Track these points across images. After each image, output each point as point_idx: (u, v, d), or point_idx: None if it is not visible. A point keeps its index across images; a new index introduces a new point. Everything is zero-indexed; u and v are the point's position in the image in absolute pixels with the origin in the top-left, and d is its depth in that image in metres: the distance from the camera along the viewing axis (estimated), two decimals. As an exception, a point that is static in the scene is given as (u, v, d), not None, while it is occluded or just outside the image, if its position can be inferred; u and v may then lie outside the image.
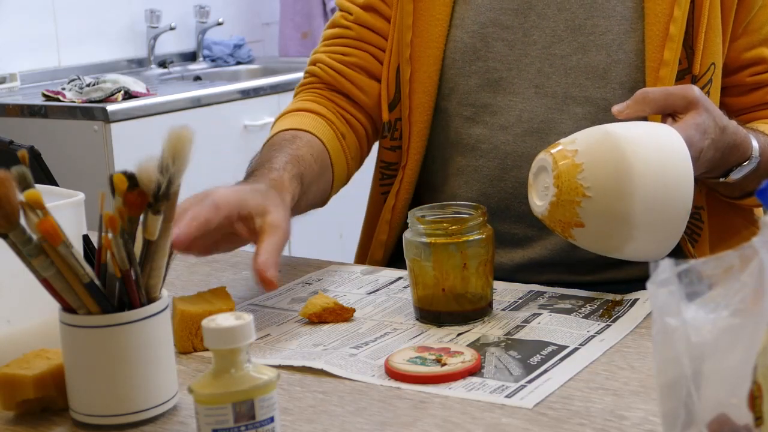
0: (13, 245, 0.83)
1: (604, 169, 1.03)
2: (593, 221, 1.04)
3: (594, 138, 1.05)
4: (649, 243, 1.05)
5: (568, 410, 0.85)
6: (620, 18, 1.25)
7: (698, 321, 0.63)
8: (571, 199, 1.04)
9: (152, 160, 0.84)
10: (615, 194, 1.02)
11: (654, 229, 1.04)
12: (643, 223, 1.03)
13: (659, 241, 1.05)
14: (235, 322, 0.76)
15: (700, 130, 1.08)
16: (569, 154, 1.04)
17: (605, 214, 1.03)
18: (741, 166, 1.17)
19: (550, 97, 1.27)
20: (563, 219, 1.05)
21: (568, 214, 1.05)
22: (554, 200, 1.05)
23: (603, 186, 1.02)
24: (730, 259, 0.64)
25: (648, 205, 1.02)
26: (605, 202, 1.03)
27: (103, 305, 0.85)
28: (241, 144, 3.00)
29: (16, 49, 3.18)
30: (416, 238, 1.07)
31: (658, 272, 0.64)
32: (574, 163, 1.03)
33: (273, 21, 3.97)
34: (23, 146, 2.05)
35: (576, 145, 1.05)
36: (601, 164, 1.03)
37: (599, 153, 1.03)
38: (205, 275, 1.30)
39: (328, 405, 0.89)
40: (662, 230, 1.04)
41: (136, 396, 0.86)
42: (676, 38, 1.22)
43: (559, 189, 1.04)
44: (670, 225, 1.04)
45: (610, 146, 1.03)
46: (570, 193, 1.04)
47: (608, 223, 1.04)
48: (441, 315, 1.07)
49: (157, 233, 0.86)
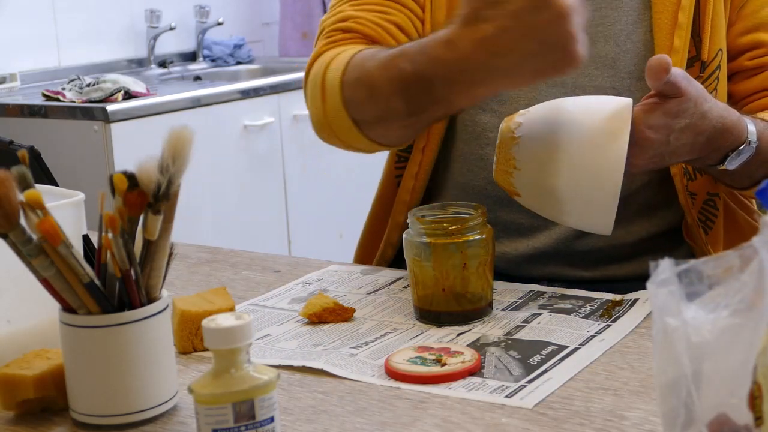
0: (13, 245, 0.83)
1: (536, 145, 1.06)
2: (526, 193, 1.09)
3: (542, 112, 1.08)
4: (584, 216, 1.07)
5: (568, 410, 0.85)
6: (627, 9, 1.26)
7: (698, 321, 0.63)
8: (505, 169, 1.08)
9: (152, 160, 0.84)
10: (542, 169, 1.06)
11: (583, 204, 1.06)
12: (569, 198, 1.06)
13: (593, 215, 1.06)
14: (235, 322, 0.76)
15: (669, 115, 1.06)
16: (513, 126, 1.08)
17: (535, 188, 1.08)
18: (737, 151, 1.14)
19: (559, 86, 1.27)
20: (503, 186, 1.10)
21: (505, 183, 1.10)
22: (495, 168, 1.10)
23: (531, 161, 1.06)
24: (730, 259, 0.64)
25: (574, 182, 1.04)
26: (533, 176, 1.07)
27: (103, 305, 0.85)
28: (241, 144, 3.00)
29: (16, 49, 3.17)
30: (416, 238, 1.07)
31: (658, 272, 0.64)
32: (512, 136, 1.07)
33: (273, 21, 3.97)
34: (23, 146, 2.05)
35: (524, 118, 1.08)
36: (534, 140, 1.06)
37: (537, 128, 1.07)
38: (205, 275, 1.30)
39: (328, 405, 0.89)
40: (591, 205, 1.05)
41: (136, 396, 0.86)
42: (684, 26, 1.22)
43: (497, 158, 1.09)
44: (598, 200, 1.05)
45: (550, 122, 1.06)
46: (504, 163, 1.08)
47: (539, 196, 1.08)
48: (441, 315, 1.07)
49: (157, 233, 0.86)
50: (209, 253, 1.39)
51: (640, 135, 1.05)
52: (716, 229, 1.30)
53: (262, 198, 3.08)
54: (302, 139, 3.14)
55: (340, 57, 1.18)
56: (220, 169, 2.94)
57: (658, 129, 1.06)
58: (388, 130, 1.16)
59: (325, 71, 1.19)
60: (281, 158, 3.12)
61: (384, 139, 1.18)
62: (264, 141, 3.06)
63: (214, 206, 2.93)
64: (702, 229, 1.28)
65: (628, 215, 1.25)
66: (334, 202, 3.22)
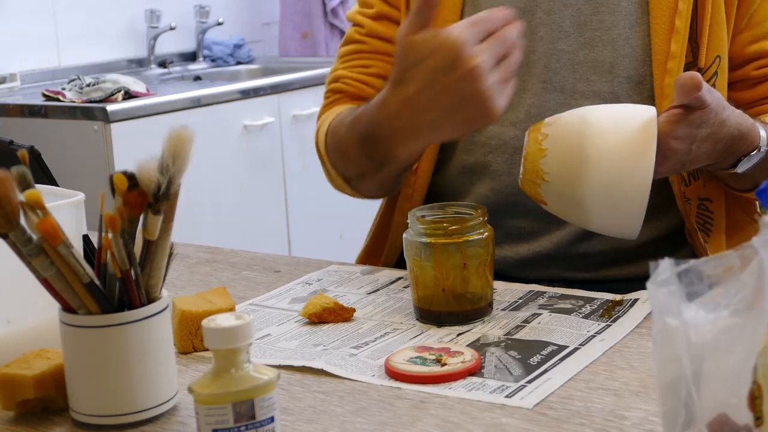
0: (13, 245, 0.83)
1: (564, 157, 1.09)
2: (553, 202, 1.12)
3: (569, 123, 1.11)
4: (609, 225, 1.11)
5: (568, 410, 0.85)
6: (625, 13, 1.26)
7: (698, 321, 0.63)
8: (533, 180, 1.11)
9: (152, 160, 0.84)
10: (569, 181, 1.09)
11: (609, 215, 1.09)
12: (596, 209, 1.09)
13: (618, 225, 1.11)
14: (235, 322, 0.76)
15: (693, 125, 1.09)
16: (540, 137, 1.11)
17: (562, 198, 1.11)
18: (749, 156, 1.17)
19: (558, 92, 1.27)
20: (530, 194, 1.13)
21: (533, 192, 1.12)
22: (522, 177, 1.12)
23: (559, 173, 1.09)
24: (730, 259, 0.64)
25: (600, 194, 1.08)
26: (561, 188, 1.10)
27: (103, 305, 0.85)
28: (241, 144, 3.00)
29: (16, 49, 3.17)
30: (416, 238, 1.07)
31: (658, 272, 0.64)
32: (539, 148, 1.10)
33: (273, 21, 3.97)
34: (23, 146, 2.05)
35: (550, 129, 1.11)
36: (562, 153, 1.09)
37: (565, 140, 1.09)
38: (205, 275, 1.30)
39: (328, 405, 0.89)
40: (618, 216, 1.09)
41: (136, 396, 0.86)
42: (681, 31, 1.22)
43: (525, 169, 1.12)
44: (626, 211, 1.08)
45: (577, 134, 1.09)
46: (532, 174, 1.11)
47: (566, 206, 1.11)
48: (441, 315, 1.07)
49: (157, 233, 0.86)
50: (209, 253, 1.39)
51: (666, 146, 1.08)
52: (716, 233, 1.30)
53: (262, 198, 3.08)
54: (302, 139, 3.14)
55: (324, 125, 1.34)
56: (220, 169, 2.94)
57: (683, 139, 1.09)
58: (370, 185, 1.28)
59: (317, 138, 1.36)
60: (281, 158, 3.12)
61: (372, 193, 1.32)
62: (264, 141, 3.06)
63: (214, 206, 2.93)
64: (702, 232, 1.28)
65: None
66: (334, 202, 3.20)
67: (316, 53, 3.83)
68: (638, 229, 1.10)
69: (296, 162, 3.15)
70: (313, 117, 3.12)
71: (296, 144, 3.14)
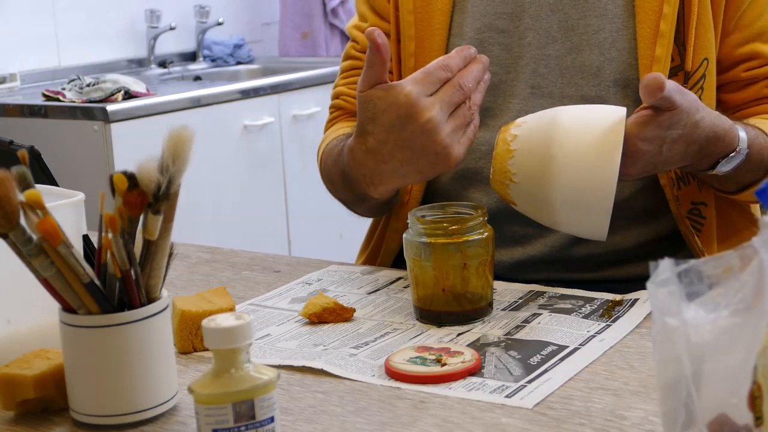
0: (13, 245, 0.83)
1: (531, 158, 1.09)
2: (522, 203, 1.12)
3: (539, 123, 1.11)
4: (576, 227, 1.11)
5: (568, 410, 0.85)
6: (612, 16, 1.26)
7: (698, 321, 0.63)
8: (501, 181, 1.11)
9: (152, 160, 0.84)
10: (536, 183, 1.09)
11: (576, 217, 1.09)
12: (563, 211, 1.09)
13: (586, 226, 1.10)
14: (235, 322, 0.76)
15: (662, 126, 1.08)
16: (509, 138, 1.11)
17: (530, 199, 1.11)
18: (728, 158, 1.16)
19: (546, 97, 1.27)
20: (500, 194, 1.14)
21: (502, 192, 1.13)
22: (491, 178, 1.12)
23: (526, 174, 1.09)
24: (730, 259, 0.64)
25: (566, 195, 1.08)
26: (528, 189, 1.10)
27: (103, 305, 0.85)
28: (241, 144, 3.00)
29: (16, 49, 3.17)
30: (416, 238, 1.07)
31: (658, 272, 0.64)
32: (508, 149, 1.10)
33: (273, 21, 3.97)
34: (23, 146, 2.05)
35: (520, 129, 1.11)
36: (530, 154, 1.09)
37: (532, 141, 1.09)
38: (205, 275, 1.30)
39: (328, 405, 0.89)
40: (585, 218, 1.09)
41: (136, 396, 0.86)
42: (667, 35, 1.22)
43: (494, 169, 1.11)
44: (592, 210, 1.08)
45: (544, 135, 1.09)
46: (500, 175, 1.11)
47: (534, 207, 1.12)
48: (441, 315, 1.07)
49: (157, 233, 0.86)
50: (209, 253, 1.39)
51: (633, 147, 1.08)
52: (706, 237, 1.30)
53: (262, 198, 3.08)
54: (302, 139, 3.14)
55: (322, 146, 1.37)
56: (220, 169, 2.94)
57: (651, 141, 1.08)
58: (361, 211, 1.34)
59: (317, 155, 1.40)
60: (281, 158, 3.12)
61: (367, 215, 1.37)
62: (264, 141, 3.06)
63: (214, 206, 2.93)
64: (695, 235, 1.28)
65: (624, 221, 1.25)
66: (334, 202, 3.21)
67: (316, 53, 3.83)
68: (605, 230, 1.09)
69: (296, 162, 3.15)
70: (313, 117, 3.15)
71: (296, 144, 3.14)
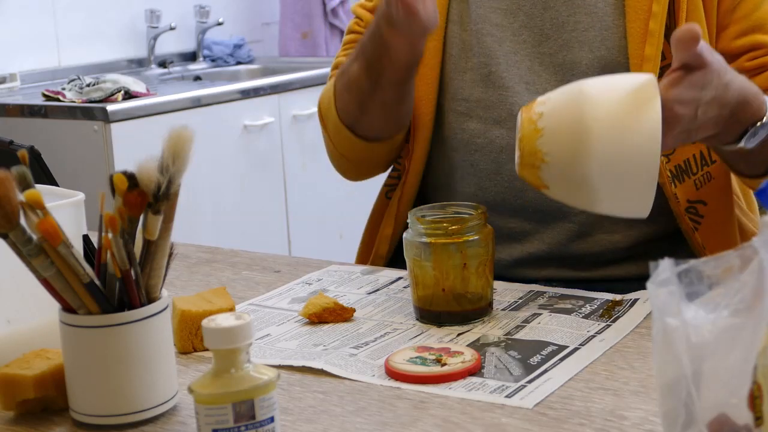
0: (13, 245, 0.83)
1: (563, 135, 1.02)
2: (556, 185, 1.04)
3: (565, 98, 1.04)
4: (618, 203, 1.04)
5: (568, 410, 0.85)
6: (602, 14, 1.26)
7: (698, 321, 0.63)
8: (531, 163, 1.03)
9: (152, 160, 0.84)
10: (571, 160, 1.01)
11: (618, 191, 1.02)
12: (604, 186, 1.01)
13: (628, 200, 1.03)
14: (235, 322, 0.76)
15: (696, 86, 1.02)
16: (535, 116, 1.03)
17: (565, 179, 1.03)
18: (754, 129, 1.09)
19: (541, 93, 1.27)
20: (530, 180, 1.05)
21: (532, 177, 1.04)
22: (519, 162, 1.04)
23: (559, 152, 1.02)
24: (730, 259, 0.64)
25: (606, 168, 1.00)
26: (562, 168, 1.02)
27: (103, 305, 0.85)
28: (241, 144, 3.00)
29: (16, 49, 3.17)
30: (416, 238, 1.07)
31: (658, 272, 0.64)
32: (536, 128, 1.03)
33: (273, 21, 3.96)
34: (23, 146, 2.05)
35: (545, 107, 1.04)
36: (560, 129, 1.02)
37: (562, 116, 1.02)
38: (205, 275, 1.30)
39: (328, 405, 0.89)
40: (628, 191, 1.02)
41: (136, 396, 0.86)
42: (656, 33, 1.22)
43: (522, 152, 1.04)
44: (635, 183, 1.01)
45: (574, 109, 1.02)
46: (530, 157, 1.03)
47: (570, 187, 1.04)
48: (441, 315, 1.07)
49: (157, 233, 0.86)
50: (209, 253, 1.39)
51: (670, 112, 1.00)
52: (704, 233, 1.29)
53: (262, 198, 3.08)
54: (302, 139, 3.13)
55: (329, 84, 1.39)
56: (220, 169, 2.94)
57: (687, 103, 1.02)
58: (371, 118, 1.31)
59: (319, 105, 1.41)
60: (281, 158, 3.12)
61: (371, 131, 1.33)
62: (264, 141, 3.06)
63: (214, 206, 2.93)
64: (696, 233, 1.28)
65: (624, 220, 1.25)
66: (334, 202, 3.22)
67: (316, 53, 3.83)
68: (650, 205, 1.02)
69: (296, 162, 3.15)
70: (313, 117, 3.12)
71: (296, 144, 3.14)
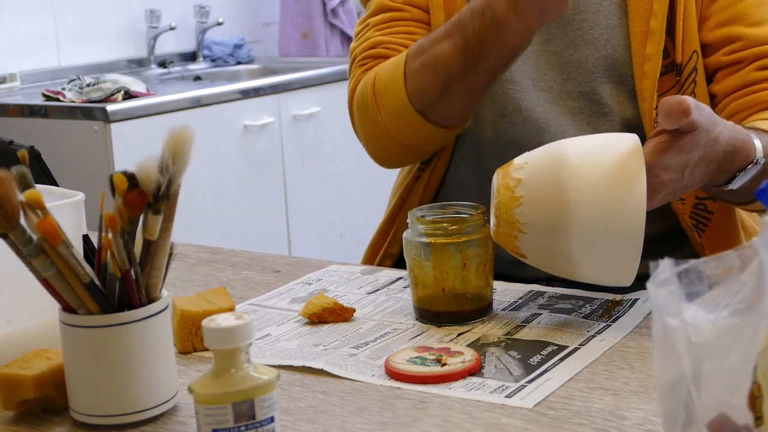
0: (13, 245, 0.83)
1: (541, 205, 0.98)
2: (533, 255, 1.01)
3: (543, 164, 0.99)
4: (599, 275, 1.00)
5: (568, 410, 0.85)
6: (606, 13, 1.26)
7: (698, 321, 0.63)
8: (508, 232, 1.00)
9: (152, 160, 0.84)
10: (550, 232, 0.98)
11: (599, 265, 0.98)
12: (584, 260, 0.98)
13: (611, 273, 0.99)
14: (235, 322, 0.76)
15: (684, 151, 0.99)
16: (512, 183, 0.99)
17: (543, 251, 1.00)
18: (745, 171, 1.08)
19: (546, 91, 1.27)
20: (506, 248, 1.02)
21: (509, 245, 1.02)
22: (495, 230, 1.02)
23: (538, 223, 0.98)
24: (730, 259, 0.64)
25: (587, 243, 0.97)
26: (541, 240, 0.99)
27: (103, 305, 0.85)
28: (241, 144, 3.00)
29: (16, 49, 3.17)
30: (416, 238, 1.07)
31: (658, 272, 0.64)
32: (513, 195, 0.99)
33: (273, 21, 3.97)
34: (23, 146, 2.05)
35: (523, 173, 0.99)
36: (539, 199, 0.98)
37: (541, 184, 0.98)
38: (205, 275, 1.30)
39: (328, 405, 0.89)
40: (610, 265, 0.98)
41: (136, 396, 0.86)
42: (657, 32, 1.22)
43: (498, 219, 1.01)
44: (617, 258, 0.97)
45: (554, 177, 0.97)
46: (507, 226, 1.00)
47: (549, 259, 1.01)
48: (441, 315, 1.07)
49: (157, 233, 0.86)
50: (209, 253, 1.39)
51: (656, 179, 0.98)
52: (710, 233, 1.29)
53: (262, 198, 3.08)
54: (302, 139, 3.14)
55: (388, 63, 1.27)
56: (220, 169, 2.94)
57: (673, 169, 0.99)
58: (452, 103, 1.22)
59: (373, 85, 1.27)
60: (281, 158, 3.12)
61: (447, 118, 1.24)
62: (264, 141, 3.06)
63: (214, 206, 2.93)
64: (696, 232, 1.28)
65: None
66: (334, 202, 3.22)
67: (316, 53, 3.83)
68: (633, 276, 0.99)
69: (296, 162, 3.15)
70: (313, 117, 3.15)
71: (296, 144, 3.14)
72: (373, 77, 1.28)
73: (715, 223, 1.30)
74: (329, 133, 3.17)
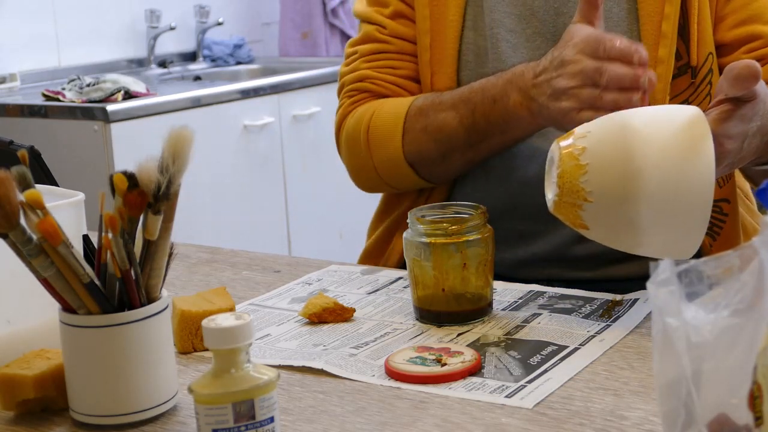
0: (13, 245, 0.83)
1: (609, 173, 0.96)
2: (597, 225, 0.99)
3: (607, 133, 0.98)
4: (665, 245, 0.98)
5: (568, 410, 0.85)
6: (616, 19, 1.26)
7: (698, 321, 0.63)
8: (572, 202, 0.98)
9: (152, 160, 0.84)
10: (618, 200, 0.96)
11: (667, 233, 0.97)
12: (652, 228, 0.97)
13: (676, 242, 0.98)
14: (235, 322, 0.76)
15: (745, 120, 1.00)
16: (576, 152, 0.98)
17: (609, 220, 0.98)
18: None
19: None
20: (567, 219, 1.00)
21: (571, 216, 0.99)
22: (557, 200, 0.99)
23: (606, 191, 0.96)
24: (730, 259, 0.64)
25: (657, 210, 0.96)
26: (608, 208, 0.97)
27: (103, 305, 0.85)
28: (241, 144, 3.00)
29: (16, 49, 3.18)
30: (416, 238, 1.07)
31: (658, 272, 0.64)
32: (578, 164, 0.97)
33: (273, 21, 3.97)
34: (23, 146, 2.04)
35: (586, 141, 0.98)
36: (606, 166, 0.96)
37: (607, 152, 0.96)
38: (205, 275, 1.30)
39: (328, 405, 0.89)
40: (677, 232, 0.97)
41: (136, 396, 0.86)
42: (669, 35, 1.22)
43: (561, 189, 0.98)
44: (685, 226, 0.96)
45: (621, 144, 0.96)
46: (572, 195, 0.98)
47: (613, 228, 0.99)
48: (441, 315, 1.07)
49: (157, 233, 0.86)
50: (209, 253, 1.39)
51: (720, 147, 0.98)
52: (724, 237, 1.29)
53: (262, 198, 3.09)
54: (302, 139, 3.14)
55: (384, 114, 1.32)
56: (220, 169, 2.94)
57: (736, 137, 1.00)
58: (447, 168, 1.29)
59: (367, 131, 1.33)
60: (281, 158, 3.12)
61: (440, 178, 1.31)
62: (264, 141, 3.06)
63: (214, 206, 2.94)
64: (708, 235, 1.28)
65: None
66: (334, 202, 3.22)
67: (316, 53, 3.83)
68: (698, 245, 0.98)
69: (296, 162, 3.15)
70: (313, 117, 3.15)
71: (296, 144, 3.14)
72: (368, 121, 1.33)
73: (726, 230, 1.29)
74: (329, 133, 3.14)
